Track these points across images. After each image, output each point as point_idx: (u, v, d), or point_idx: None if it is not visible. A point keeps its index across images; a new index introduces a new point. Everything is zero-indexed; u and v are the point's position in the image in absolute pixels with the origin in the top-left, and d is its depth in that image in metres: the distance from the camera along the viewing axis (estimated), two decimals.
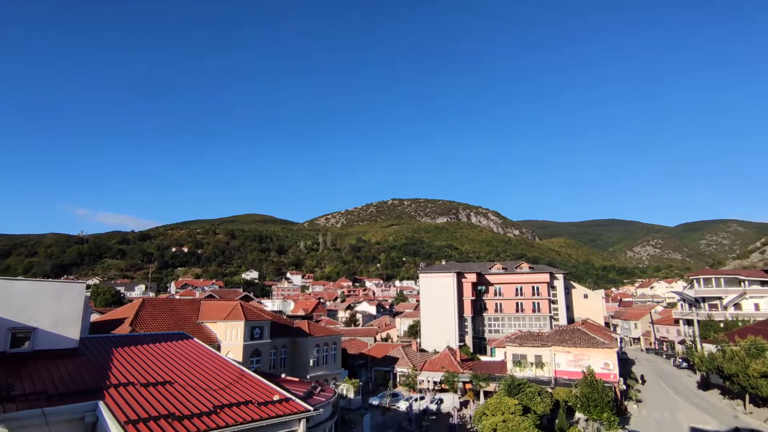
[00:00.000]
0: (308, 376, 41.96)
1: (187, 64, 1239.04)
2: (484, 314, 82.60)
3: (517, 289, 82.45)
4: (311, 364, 46.92)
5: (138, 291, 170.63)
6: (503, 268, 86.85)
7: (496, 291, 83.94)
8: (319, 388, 16.13)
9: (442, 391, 56.37)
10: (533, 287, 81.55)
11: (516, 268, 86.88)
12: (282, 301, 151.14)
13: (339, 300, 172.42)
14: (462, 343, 74.26)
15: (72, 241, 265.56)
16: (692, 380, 64.43)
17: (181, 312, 40.94)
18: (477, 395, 53.92)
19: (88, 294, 16.18)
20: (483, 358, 68.82)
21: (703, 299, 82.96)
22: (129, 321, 34.86)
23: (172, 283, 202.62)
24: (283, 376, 18.79)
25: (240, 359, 36.21)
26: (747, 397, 49.08)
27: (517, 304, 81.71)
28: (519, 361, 54.20)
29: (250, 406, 11.53)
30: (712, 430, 42.57)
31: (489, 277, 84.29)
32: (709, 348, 57.93)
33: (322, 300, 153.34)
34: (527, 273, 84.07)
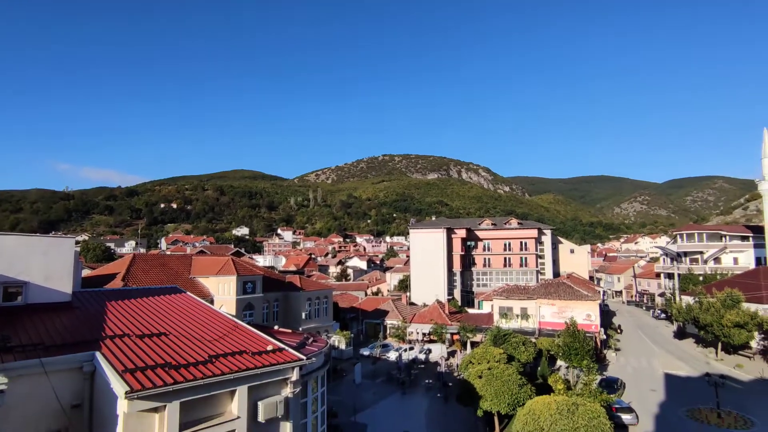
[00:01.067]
0: (301, 329, 43.15)
1: (172, 14, 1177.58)
2: (473, 269, 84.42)
3: (505, 245, 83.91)
4: (303, 317, 48.07)
5: (128, 247, 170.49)
6: (492, 224, 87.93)
7: (485, 246, 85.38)
8: (312, 339, 16.59)
9: (431, 342, 58.51)
10: (521, 243, 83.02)
11: (505, 224, 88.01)
12: (273, 256, 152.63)
13: (330, 256, 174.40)
14: (450, 297, 76.32)
15: (57, 197, 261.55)
16: (669, 330, 67.45)
17: (173, 267, 41.19)
18: (464, 345, 56.08)
19: (78, 249, 16.20)
20: (471, 310, 70.98)
21: (685, 254, 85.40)
22: (121, 276, 35.06)
23: (163, 239, 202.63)
24: (276, 327, 19.26)
25: (233, 313, 36.97)
26: (719, 345, 51.74)
27: (505, 259, 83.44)
28: (505, 313, 56.07)
29: (245, 356, 11.87)
30: (685, 375, 45.11)
31: (478, 233, 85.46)
32: (687, 300, 60.30)
33: (313, 256, 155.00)
34: (516, 229, 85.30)
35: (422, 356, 52.58)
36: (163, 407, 9.73)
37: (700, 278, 74.40)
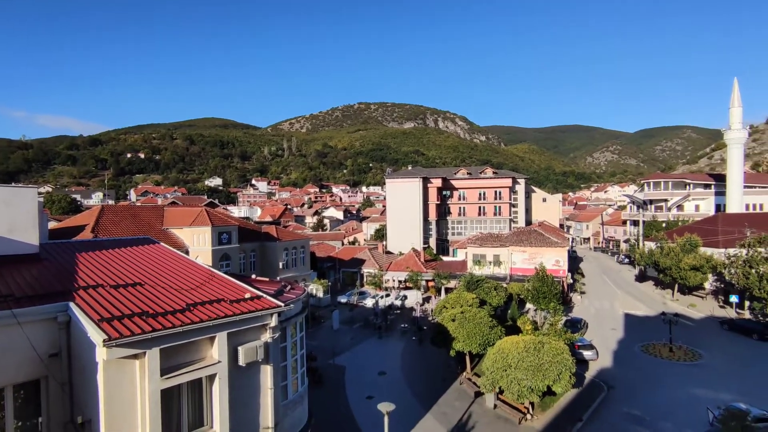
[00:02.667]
0: (278, 278, 43.60)
1: None
2: (448, 218, 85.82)
3: (480, 194, 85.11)
4: (281, 266, 48.44)
5: (95, 198, 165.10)
6: (468, 174, 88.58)
7: (460, 195, 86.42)
8: (289, 287, 16.81)
9: (407, 288, 60.30)
10: (496, 192, 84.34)
11: (480, 173, 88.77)
12: (248, 207, 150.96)
13: (306, 206, 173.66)
14: (426, 245, 77.93)
15: (14, 146, 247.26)
16: (631, 274, 71.28)
17: (144, 218, 40.30)
18: (439, 292, 58.08)
19: (41, 201, 15.49)
20: (445, 258, 72.96)
21: (651, 201, 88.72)
22: (90, 228, 34.15)
23: (132, 191, 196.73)
24: (253, 276, 19.39)
25: (210, 263, 36.89)
26: (676, 287, 55.21)
27: (479, 208, 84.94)
28: (478, 260, 57.87)
29: (223, 304, 11.98)
30: (642, 315, 48.30)
31: (454, 182, 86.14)
32: (650, 245, 63.41)
33: (289, 206, 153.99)
34: (491, 178, 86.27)
35: (398, 302, 54.31)
36: (143, 354, 9.85)
37: (663, 225, 77.95)
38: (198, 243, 39.36)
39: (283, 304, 12.84)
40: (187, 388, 11.07)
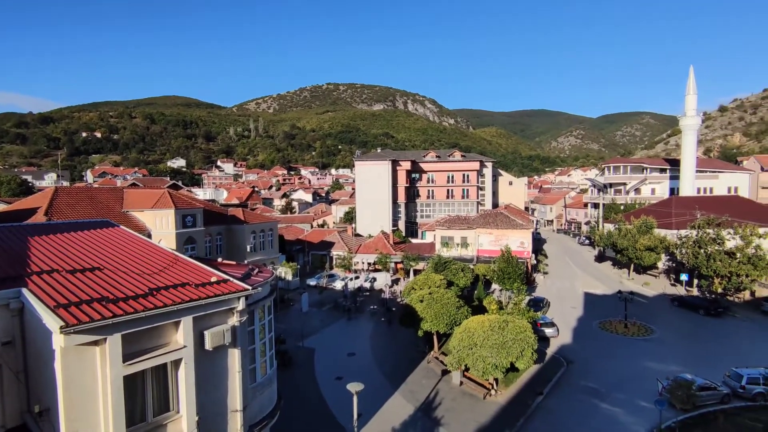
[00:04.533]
0: (246, 262, 42.95)
1: None
2: (417, 200, 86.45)
3: (448, 177, 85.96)
4: (248, 250, 47.67)
5: (48, 180, 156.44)
6: (437, 157, 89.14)
7: (429, 178, 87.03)
8: (257, 270, 16.61)
9: (376, 271, 60.73)
10: (464, 175, 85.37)
11: (449, 156, 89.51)
12: (214, 189, 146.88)
13: (274, 188, 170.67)
14: (395, 228, 78.42)
15: None
16: (591, 255, 74.25)
17: (103, 201, 38.62)
18: (407, 273, 58.79)
19: None
20: (414, 240, 73.70)
21: (611, 185, 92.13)
22: (43, 210, 32.44)
23: (88, 172, 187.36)
24: (219, 260, 19.03)
25: (173, 247, 35.89)
26: (632, 266, 57.98)
27: (448, 190, 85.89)
28: (446, 242, 58.79)
29: (188, 288, 11.72)
30: (601, 293, 50.59)
31: (423, 165, 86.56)
32: (609, 227, 66.14)
33: (256, 188, 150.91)
34: (459, 161, 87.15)
35: (367, 284, 54.69)
36: (103, 340, 9.56)
37: (622, 207, 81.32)
38: (161, 226, 38.13)
39: (250, 288, 12.70)
40: (151, 373, 10.86)
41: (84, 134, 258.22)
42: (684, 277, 49.79)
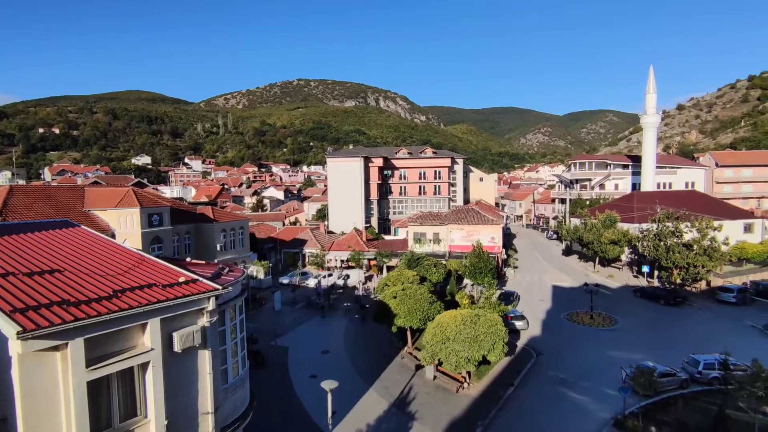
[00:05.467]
0: (216, 261, 42.05)
1: None
2: (390, 197, 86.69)
3: (420, 173, 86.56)
4: (218, 249, 46.72)
5: (2, 178, 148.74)
6: (409, 153, 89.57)
7: (401, 175, 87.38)
8: (228, 269, 16.30)
9: (349, 268, 60.61)
10: (435, 171, 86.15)
11: (421, 153, 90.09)
12: (182, 187, 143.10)
13: (245, 186, 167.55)
14: (368, 225, 78.42)
15: None
16: (559, 249, 76.37)
17: (62, 200, 36.98)
18: (380, 270, 58.95)
19: None
20: (387, 237, 73.93)
21: (577, 181, 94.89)
22: None
23: (46, 169, 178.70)
24: (188, 259, 18.56)
25: (139, 247, 34.77)
26: (597, 259, 59.97)
27: (420, 187, 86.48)
28: (419, 238, 59.25)
29: (155, 289, 11.38)
30: (568, 286, 52.11)
31: (395, 162, 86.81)
32: (575, 222, 68.15)
33: (226, 186, 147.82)
34: (431, 158, 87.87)
35: (341, 282, 54.54)
36: (64, 345, 9.18)
37: (587, 202, 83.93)
38: (125, 226, 36.86)
39: (220, 287, 12.46)
40: (117, 378, 10.52)
41: (41, 130, 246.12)
42: (645, 268, 51.88)
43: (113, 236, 34.43)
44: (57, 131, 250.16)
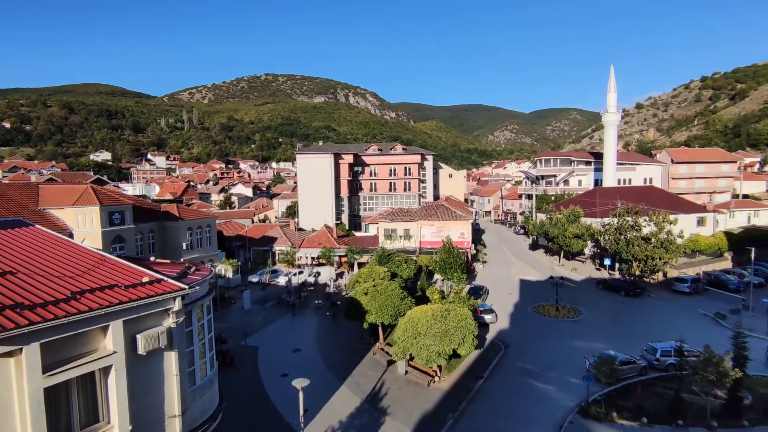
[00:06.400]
0: (182, 260, 40.88)
1: None
2: (360, 194, 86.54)
3: (391, 170, 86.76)
4: (184, 247, 45.48)
5: None
6: (379, 150, 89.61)
7: (371, 172, 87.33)
8: (194, 268, 15.89)
9: (320, 265, 60.18)
10: (405, 168, 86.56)
11: (391, 149, 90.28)
12: (145, 185, 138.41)
13: (212, 183, 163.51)
14: (339, 221, 78.06)
15: None
16: (526, 243, 78.28)
17: (14, 198, 35.08)
18: (351, 267, 58.84)
19: None
20: (358, 233, 73.80)
21: (542, 177, 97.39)
22: None
23: None
24: (152, 259, 17.97)
25: (100, 247, 33.41)
26: (562, 253, 61.83)
27: (390, 183, 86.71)
28: (390, 234, 59.45)
29: (116, 290, 10.96)
30: (534, 280, 53.54)
31: (365, 158, 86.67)
32: (541, 217, 69.99)
33: (192, 183, 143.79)
34: (401, 155, 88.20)
35: (312, 279, 54.11)
36: (18, 350, 8.73)
37: (553, 198, 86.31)
38: (84, 225, 35.32)
39: (186, 287, 12.13)
40: (77, 383, 10.08)
41: None
42: (607, 261, 53.92)
43: (71, 236, 32.93)
44: (8, 125, 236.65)
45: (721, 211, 70.00)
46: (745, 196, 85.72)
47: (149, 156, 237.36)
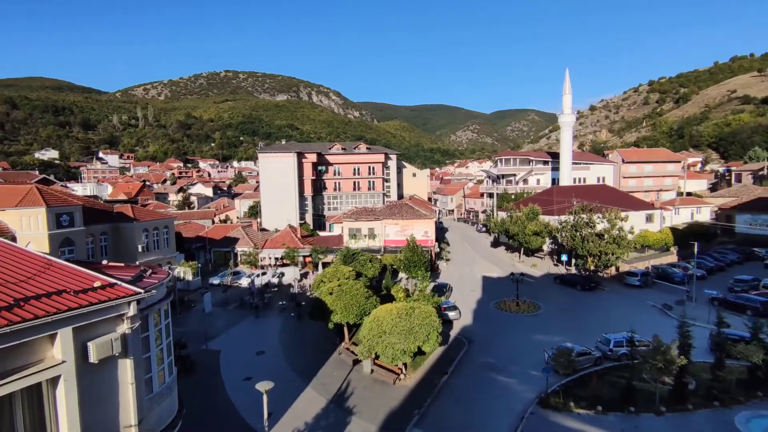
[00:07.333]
0: (138, 263, 39.20)
1: None
2: (324, 193, 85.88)
3: (355, 169, 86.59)
4: (140, 249, 43.66)
5: None
6: (343, 149, 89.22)
7: (335, 171, 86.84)
8: (150, 271, 15.28)
9: (284, 265, 59.28)
10: (369, 167, 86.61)
11: (354, 148, 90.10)
12: (96, 184, 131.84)
13: (169, 182, 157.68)
14: (303, 221, 77.15)
15: None
16: (488, 241, 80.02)
17: None
18: (316, 267, 58.30)
19: None
20: (322, 233, 73.20)
21: (503, 176, 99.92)
22: None
23: None
24: (105, 262, 17.13)
25: (46, 251, 31.53)
26: (522, 250, 63.67)
27: (354, 182, 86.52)
28: (354, 234, 59.34)
29: (65, 296, 10.37)
30: (496, 276, 54.85)
31: (329, 158, 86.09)
32: (502, 215, 71.79)
33: (148, 182, 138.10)
34: (365, 154, 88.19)
35: (275, 280, 53.22)
36: None
37: (513, 197, 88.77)
38: (29, 227, 33.26)
39: (142, 291, 11.66)
40: (21, 395, 9.49)
41: None
42: (564, 257, 56.00)
43: (14, 239, 30.90)
44: None
45: (667, 208, 74.18)
46: (689, 194, 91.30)
47: (101, 154, 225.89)
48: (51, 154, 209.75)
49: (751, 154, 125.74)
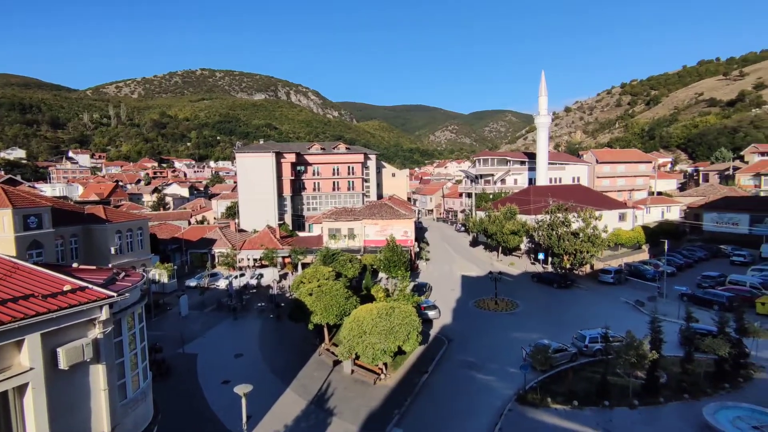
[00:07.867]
0: (110, 265, 38.13)
1: None
2: (303, 193, 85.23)
3: (334, 169, 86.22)
4: (113, 252, 42.49)
5: None
6: (322, 149, 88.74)
7: (314, 171, 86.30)
8: (123, 274, 14.90)
9: (263, 267, 58.60)
10: (349, 167, 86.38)
11: (334, 148, 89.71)
12: (66, 185, 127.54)
13: (143, 183, 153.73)
14: (281, 222, 76.40)
15: None
16: (467, 240, 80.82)
17: None
18: (295, 267, 57.82)
19: None
20: (301, 234, 72.63)
21: (481, 176, 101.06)
22: None
23: None
24: (75, 265, 16.62)
25: (12, 254, 30.36)
26: (500, 249, 64.52)
27: (333, 183, 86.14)
28: (334, 234, 59.09)
29: (32, 300, 10.01)
30: (475, 275, 55.45)
31: (308, 158, 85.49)
32: (480, 215, 72.59)
33: (121, 183, 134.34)
34: (344, 154, 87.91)
35: (254, 281, 52.55)
36: None
37: (491, 196, 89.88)
38: None
39: (115, 294, 11.36)
40: None
41: None
42: (541, 256, 57.01)
43: None
44: None
45: (639, 207, 76.34)
46: (659, 194, 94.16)
47: (71, 154, 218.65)
48: (18, 153, 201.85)
49: (717, 154, 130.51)
